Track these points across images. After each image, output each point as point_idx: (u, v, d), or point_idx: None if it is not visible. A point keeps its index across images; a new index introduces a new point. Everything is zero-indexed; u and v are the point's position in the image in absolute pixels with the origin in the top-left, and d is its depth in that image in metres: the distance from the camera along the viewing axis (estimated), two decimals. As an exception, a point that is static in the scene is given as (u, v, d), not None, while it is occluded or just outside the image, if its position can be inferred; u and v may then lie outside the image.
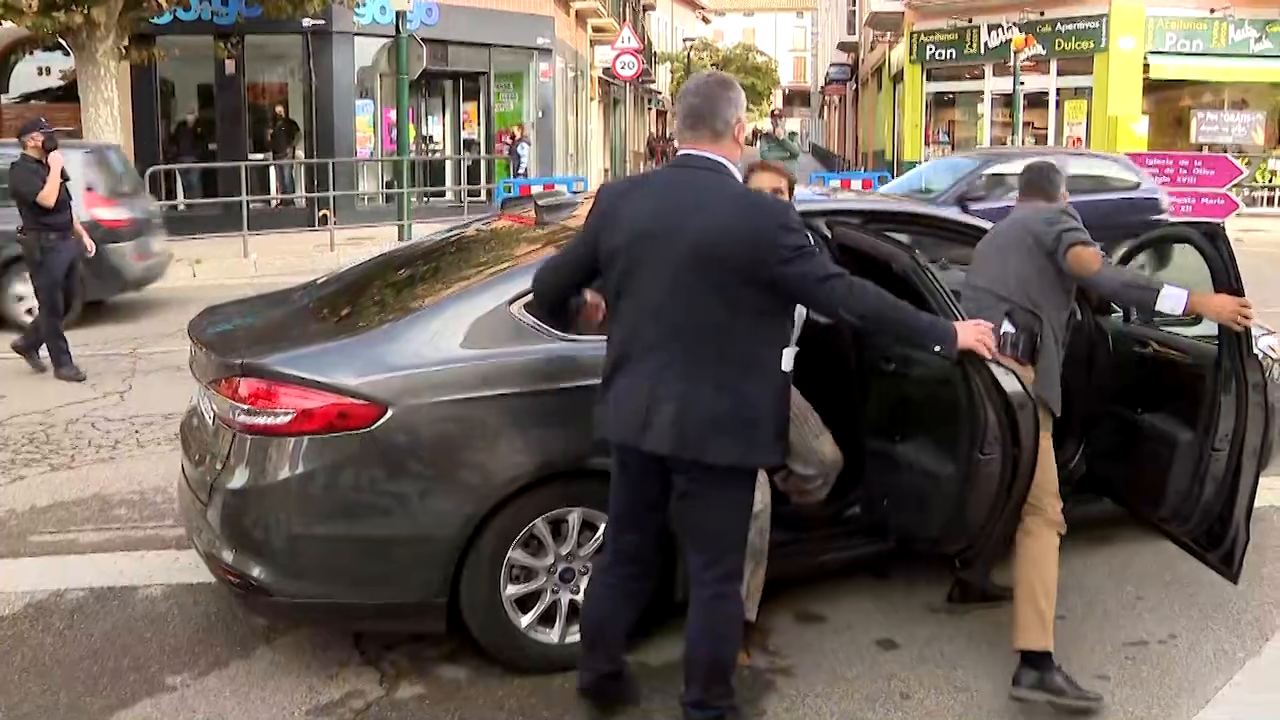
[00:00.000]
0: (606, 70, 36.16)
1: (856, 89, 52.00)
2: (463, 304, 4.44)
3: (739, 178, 3.73)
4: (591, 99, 39.11)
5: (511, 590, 4.31)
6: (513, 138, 26.11)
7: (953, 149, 31.80)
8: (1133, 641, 4.76)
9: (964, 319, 4.19)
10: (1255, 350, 6.02)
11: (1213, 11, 27.36)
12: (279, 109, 23.01)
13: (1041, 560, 4.31)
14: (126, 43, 17.12)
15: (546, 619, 4.40)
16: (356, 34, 22.62)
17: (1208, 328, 4.79)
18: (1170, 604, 5.11)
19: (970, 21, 30.03)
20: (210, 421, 4.52)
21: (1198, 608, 5.06)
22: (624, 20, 40.20)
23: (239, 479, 4.19)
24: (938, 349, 3.79)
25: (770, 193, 4.27)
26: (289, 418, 4.08)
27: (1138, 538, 5.76)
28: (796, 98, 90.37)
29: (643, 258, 3.60)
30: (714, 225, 3.51)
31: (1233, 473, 4.54)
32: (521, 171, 24.76)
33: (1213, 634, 4.83)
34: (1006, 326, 4.45)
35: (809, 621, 4.89)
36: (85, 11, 15.49)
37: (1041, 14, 28.20)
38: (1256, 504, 6.16)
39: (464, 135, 27.35)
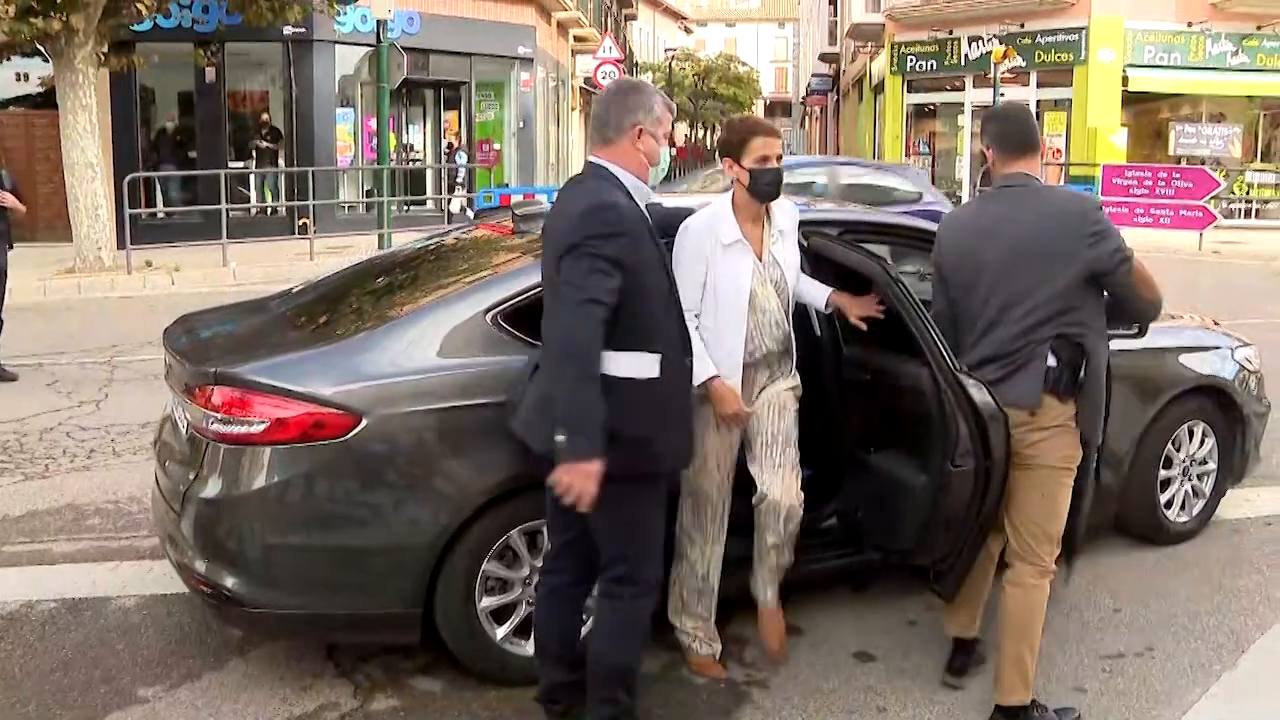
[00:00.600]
0: (588, 80, 36.11)
1: (838, 100, 52.19)
2: (439, 313, 4.42)
3: (625, 180, 3.69)
4: (573, 109, 39.10)
5: (486, 602, 4.29)
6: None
7: (933, 160, 31.98)
8: (1110, 654, 4.76)
9: (933, 331, 4.18)
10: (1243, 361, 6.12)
11: (1190, 25, 27.52)
12: (263, 116, 22.93)
13: (1030, 615, 4.08)
14: (106, 49, 17.02)
15: (522, 631, 4.36)
16: (337, 42, 22.56)
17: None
18: (1147, 616, 5.11)
19: (951, 33, 30.17)
20: (184, 431, 4.48)
21: (1175, 620, 5.07)
22: (606, 30, 40.24)
23: (212, 489, 4.15)
24: (559, 440, 3.41)
25: (776, 160, 4.25)
26: (263, 427, 4.05)
27: (1115, 549, 5.79)
28: (778, 108, 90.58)
29: (541, 260, 3.84)
30: (561, 229, 3.62)
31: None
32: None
33: (1189, 646, 4.83)
34: (1050, 360, 3.96)
35: (786, 634, 4.87)
36: (63, 18, 15.40)
37: (1021, 26, 28.35)
38: (1235, 516, 6.27)
39: (445, 144, 27.31)
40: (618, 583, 3.76)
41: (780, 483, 4.37)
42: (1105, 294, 4.07)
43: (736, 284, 4.23)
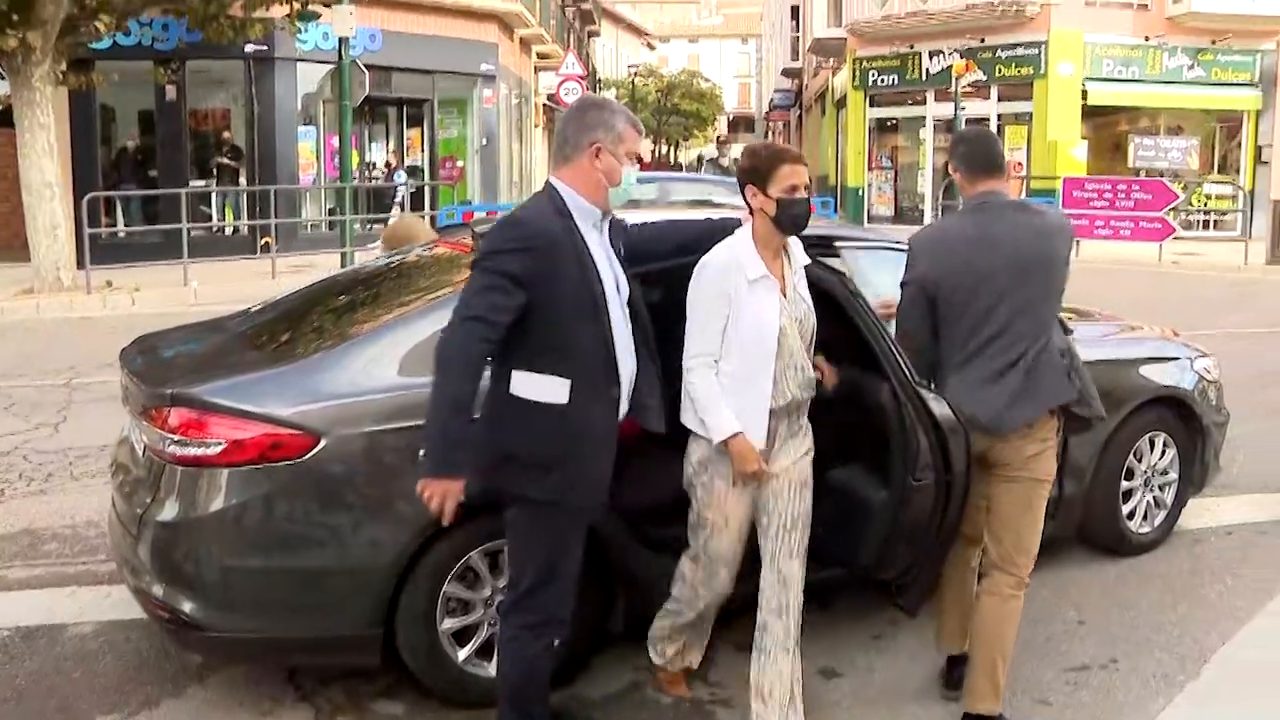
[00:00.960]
0: (551, 97, 36.16)
1: (800, 114, 52.39)
2: (399, 332, 4.38)
3: (569, 199, 3.61)
4: (536, 125, 39.12)
5: (448, 624, 4.25)
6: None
7: (895, 174, 32.15)
8: (1074, 666, 4.76)
9: (892, 345, 4.19)
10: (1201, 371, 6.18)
11: (1147, 39, 27.84)
12: (224, 134, 22.79)
13: (1004, 624, 4.14)
14: (64, 67, 16.87)
15: (484, 652, 4.31)
16: (299, 60, 22.48)
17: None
18: (1111, 627, 5.12)
19: (912, 48, 30.37)
20: (140, 453, 4.43)
21: (1139, 631, 5.08)
22: (568, 46, 40.29)
23: (169, 511, 4.10)
24: (421, 455, 3.50)
25: (804, 190, 3.94)
26: (220, 448, 4.01)
27: (1078, 561, 5.80)
28: (741, 123, 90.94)
29: None
30: None
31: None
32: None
33: (1153, 657, 4.85)
34: None
35: (749, 651, 4.81)
36: (20, 36, 15.25)
37: (982, 40, 28.57)
38: (1196, 525, 6.31)
39: (408, 162, 27.23)
40: (511, 609, 3.67)
41: (796, 574, 4.06)
42: None
43: (763, 323, 3.89)
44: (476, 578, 4.31)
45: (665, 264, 4.25)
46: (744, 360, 3.90)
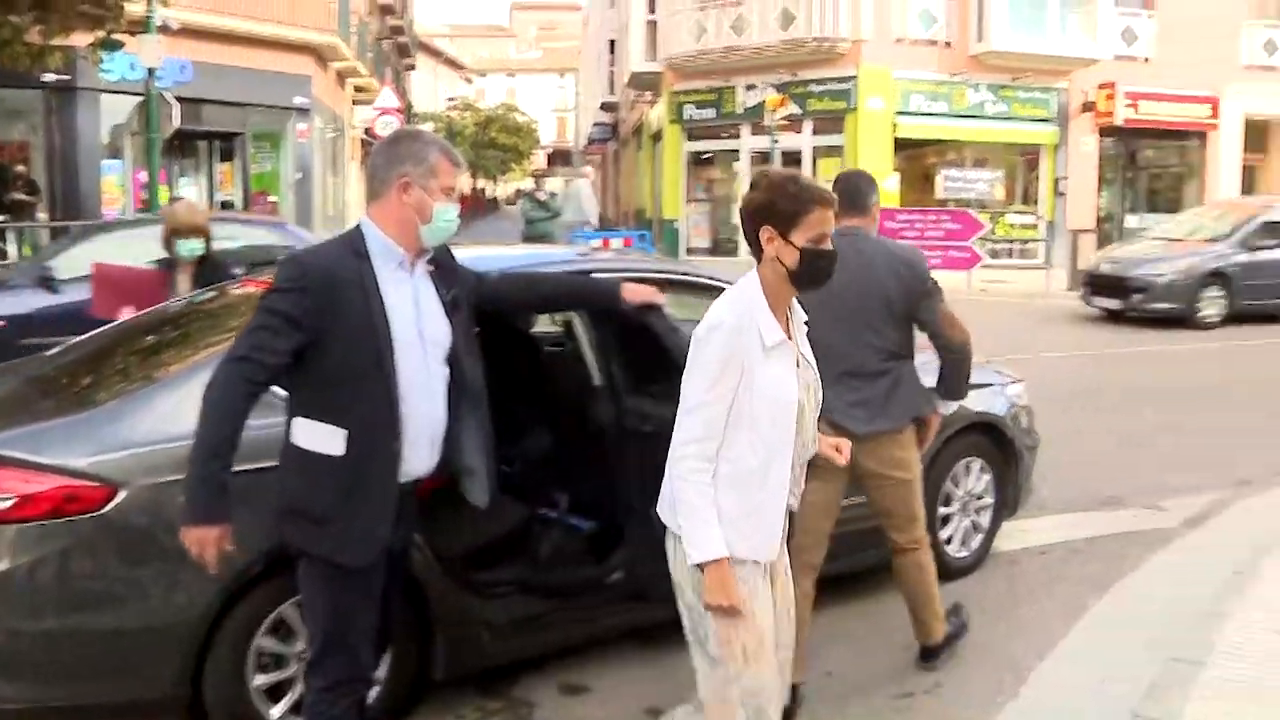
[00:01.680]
0: (368, 130, 35.67)
1: (618, 148, 52.79)
2: (205, 375, 4.15)
3: (370, 238, 3.42)
4: (352, 159, 38.53)
5: (259, 680, 4.06)
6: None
7: (713, 206, 32.57)
8: (901, 693, 4.81)
9: None
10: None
11: (953, 75, 28.83)
12: (18, 168, 21.77)
13: (929, 572, 4.86)
14: None
15: (300, 709, 4.11)
16: (104, 91, 21.61)
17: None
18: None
19: (727, 82, 30.85)
20: (-80, 510, 4.12)
21: (961, 654, 5.14)
22: (385, 80, 39.82)
23: (-50, 572, 3.81)
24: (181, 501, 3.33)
25: (830, 240, 3.30)
26: (9, 503, 3.76)
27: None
28: (558, 157, 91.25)
29: None
30: None
31: None
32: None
33: (975, 679, 4.92)
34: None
35: (574, 693, 4.75)
36: None
37: (795, 75, 29.17)
38: (1012, 547, 6.45)
39: (220, 197, 26.47)
40: (310, 669, 3.50)
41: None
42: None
43: (780, 399, 3.19)
44: (290, 631, 4.12)
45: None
46: (764, 446, 3.19)
